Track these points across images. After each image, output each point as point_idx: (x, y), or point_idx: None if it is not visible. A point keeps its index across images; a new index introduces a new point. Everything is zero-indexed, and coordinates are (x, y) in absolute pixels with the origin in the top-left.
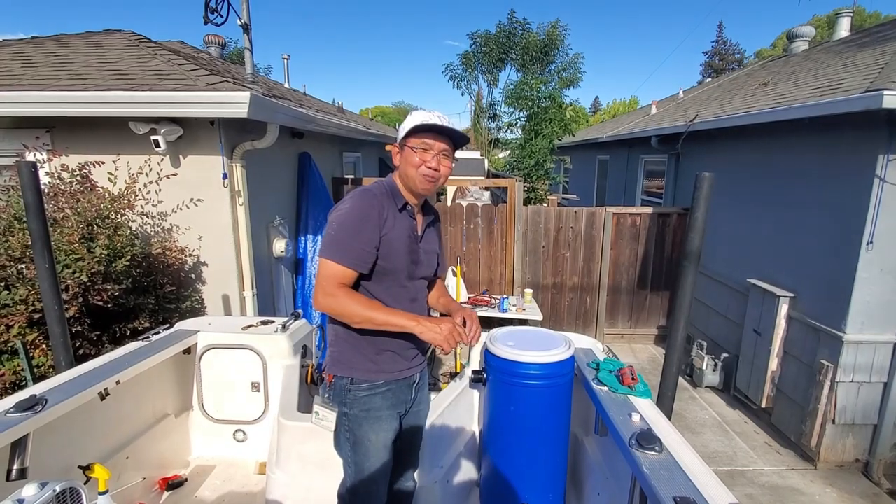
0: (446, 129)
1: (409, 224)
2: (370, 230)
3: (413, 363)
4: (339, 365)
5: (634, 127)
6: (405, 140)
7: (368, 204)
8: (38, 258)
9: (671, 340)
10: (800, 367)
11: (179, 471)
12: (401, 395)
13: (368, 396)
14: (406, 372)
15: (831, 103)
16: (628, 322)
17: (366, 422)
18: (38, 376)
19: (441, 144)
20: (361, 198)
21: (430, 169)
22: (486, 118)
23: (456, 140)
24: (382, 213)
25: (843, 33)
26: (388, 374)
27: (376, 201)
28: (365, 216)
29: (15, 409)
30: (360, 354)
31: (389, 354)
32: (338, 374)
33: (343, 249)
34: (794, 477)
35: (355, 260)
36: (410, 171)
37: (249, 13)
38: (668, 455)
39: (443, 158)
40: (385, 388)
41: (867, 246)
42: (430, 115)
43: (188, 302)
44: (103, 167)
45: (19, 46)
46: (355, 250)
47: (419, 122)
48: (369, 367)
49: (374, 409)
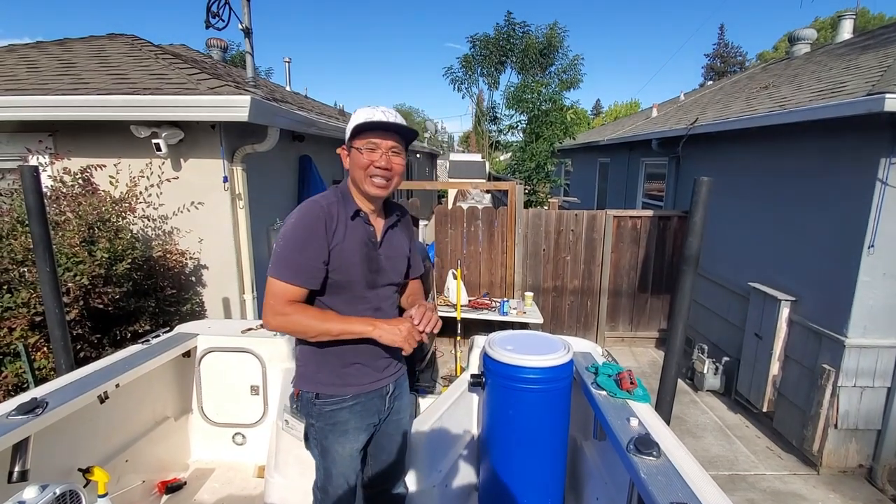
0: (393, 126)
1: (364, 232)
2: (316, 244)
3: (385, 374)
4: (303, 380)
5: (635, 130)
6: (351, 141)
7: (313, 217)
8: (39, 261)
9: (670, 345)
10: (801, 371)
11: (179, 474)
12: (371, 408)
13: (334, 411)
14: (376, 384)
15: (833, 106)
16: (629, 325)
17: (332, 434)
18: (40, 379)
19: (389, 142)
20: (306, 211)
21: (379, 169)
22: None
23: (405, 135)
24: (330, 223)
25: (846, 35)
26: (355, 388)
27: (322, 213)
28: (310, 230)
29: (16, 411)
30: (325, 369)
31: (357, 367)
32: (303, 389)
33: (289, 266)
34: (797, 482)
35: (303, 277)
36: (359, 173)
37: (251, 17)
38: (665, 460)
39: (393, 156)
40: (353, 401)
41: (869, 250)
42: (374, 111)
43: (188, 305)
44: (105, 170)
45: (24, 51)
46: (302, 267)
47: (362, 121)
48: (335, 381)
49: (341, 422)
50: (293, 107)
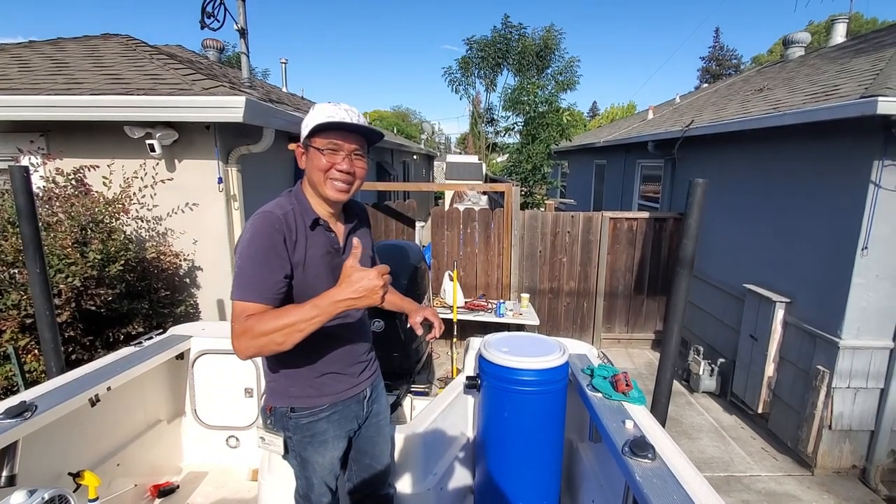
0: (357, 127)
1: (326, 240)
2: (275, 261)
3: (360, 379)
4: (275, 395)
5: (631, 132)
6: (309, 139)
7: (269, 231)
8: (29, 263)
9: (665, 347)
10: (796, 372)
11: (171, 477)
12: (349, 414)
13: (311, 422)
14: (352, 390)
15: (826, 109)
16: (625, 327)
17: (310, 446)
18: (31, 382)
19: (352, 144)
20: (260, 224)
21: (341, 172)
22: (484, 122)
23: (369, 137)
24: (290, 236)
25: (840, 39)
26: (331, 397)
27: (279, 225)
28: (267, 246)
29: (4, 415)
30: (298, 383)
31: (331, 376)
32: (276, 405)
33: (248, 286)
34: (791, 483)
35: (265, 295)
36: (317, 176)
37: (246, 18)
38: (661, 462)
39: (356, 159)
40: (329, 410)
41: (862, 251)
42: (337, 108)
43: (182, 307)
44: (98, 171)
45: (17, 50)
46: (263, 284)
47: (324, 120)
48: (309, 393)
49: (319, 433)
50: (289, 108)
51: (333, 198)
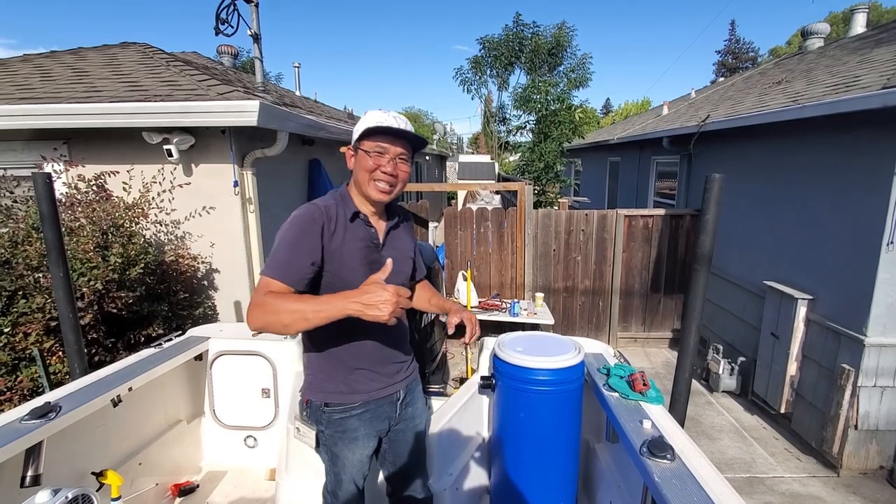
0: (403, 132)
1: (365, 233)
2: (308, 246)
3: (394, 380)
4: (312, 389)
5: (646, 128)
6: (359, 143)
7: (309, 218)
8: (52, 267)
9: (683, 345)
10: (820, 371)
11: (191, 477)
12: (381, 414)
13: (343, 418)
14: (385, 390)
15: (847, 101)
16: (642, 326)
17: (341, 441)
18: (55, 383)
19: (398, 148)
20: (301, 213)
21: (385, 174)
22: (496, 122)
23: (414, 143)
24: (328, 225)
25: (859, 29)
26: (363, 395)
27: (318, 214)
28: (304, 231)
29: (29, 416)
30: (332, 377)
31: (363, 373)
32: (311, 398)
33: (277, 266)
34: (816, 484)
35: (287, 274)
36: (363, 176)
37: (259, 23)
38: (680, 463)
39: (400, 163)
40: (362, 409)
41: (888, 246)
42: (386, 115)
43: (201, 308)
44: (118, 177)
45: (39, 60)
46: (289, 266)
47: (374, 124)
48: (342, 389)
49: (350, 429)
50: (302, 111)
51: (376, 198)
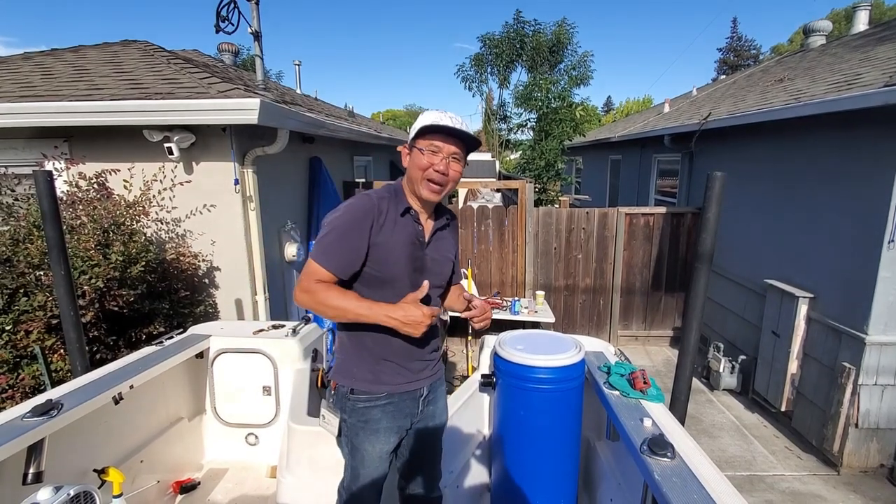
0: (458, 132)
1: (413, 230)
2: (358, 236)
3: (419, 376)
4: (340, 373)
5: (647, 126)
6: (414, 141)
7: (362, 208)
8: (54, 265)
9: (684, 343)
10: (821, 369)
11: (193, 474)
12: (404, 409)
13: (367, 408)
14: (410, 385)
15: (849, 98)
16: (642, 324)
17: (362, 432)
18: (57, 381)
19: (451, 147)
20: (356, 202)
21: (437, 173)
22: (497, 119)
23: (468, 143)
24: (379, 218)
25: (862, 27)
26: (389, 387)
27: (371, 205)
28: (356, 221)
29: (31, 413)
30: (360, 364)
31: (390, 365)
32: (339, 382)
33: (327, 252)
34: (816, 483)
35: (336, 265)
36: (416, 173)
37: (260, 21)
38: (680, 461)
39: (452, 162)
40: (386, 400)
41: (889, 245)
42: (442, 115)
43: (202, 306)
44: (119, 175)
45: (40, 58)
46: (338, 254)
47: (430, 123)
48: (368, 378)
49: (373, 420)
50: (303, 109)
51: (426, 198)
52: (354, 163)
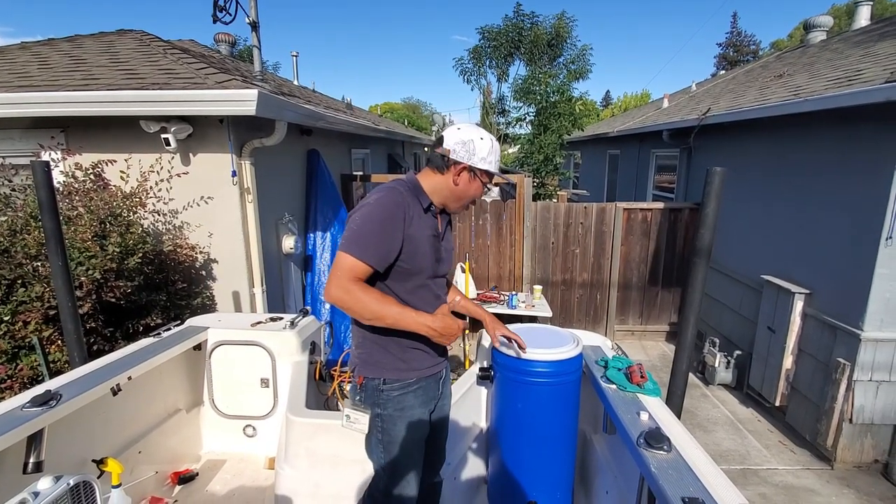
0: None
1: (432, 223)
2: (394, 230)
3: (440, 359)
4: (368, 366)
5: (646, 121)
6: (478, 170)
7: (395, 203)
8: (51, 256)
9: (681, 338)
10: (816, 364)
11: (191, 465)
12: (430, 392)
13: (402, 395)
14: (435, 368)
15: (849, 95)
16: (639, 319)
17: (400, 420)
18: (55, 372)
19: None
20: (389, 196)
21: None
22: (496, 113)
23: None
24: (408, 212)
25: (863, 22)
26: (418, 372)
27: (402, 200)
28: (390, 215)
29: (31, 403)
30: (388, 354)
31: (417, 352)
32: (369, 375)
33: (364, 245)
34: (810, 477)
35: (375, 257)
36: (465, 195)
37: (257, 11)
38: (676, 454)
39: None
40: (416, 385)
41: (886, 241)
42: (498, 157)
43: (199, 298)
44: (116, 166)
45: (36, 48)
46: (376, 247)
47: (497, 169)
48: (399, 366)
49: (408, 407)
50: (301, 101)
51: (456, 211)
52: (352, 155)
